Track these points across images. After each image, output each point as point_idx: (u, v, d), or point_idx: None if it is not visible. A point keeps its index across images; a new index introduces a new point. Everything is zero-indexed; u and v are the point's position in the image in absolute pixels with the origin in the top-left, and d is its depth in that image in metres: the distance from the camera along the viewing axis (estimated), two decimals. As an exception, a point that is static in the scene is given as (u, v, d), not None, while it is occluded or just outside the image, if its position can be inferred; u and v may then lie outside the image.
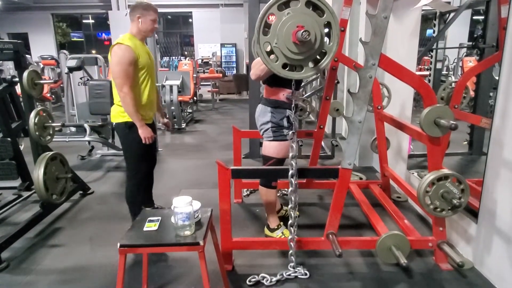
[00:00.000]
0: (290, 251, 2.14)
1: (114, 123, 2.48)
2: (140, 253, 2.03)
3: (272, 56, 1.68)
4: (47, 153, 2.75)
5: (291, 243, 2.12)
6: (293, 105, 2.18)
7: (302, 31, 1.55)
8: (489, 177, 2.10)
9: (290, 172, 2.03)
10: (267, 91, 2.40)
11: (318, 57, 1.71)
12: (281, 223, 2.58)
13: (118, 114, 2.42)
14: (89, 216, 3.06)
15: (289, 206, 2.08)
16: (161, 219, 1.81)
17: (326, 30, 1.69)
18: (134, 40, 2.34)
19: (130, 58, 2.26)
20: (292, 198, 2.06)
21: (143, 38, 2.43)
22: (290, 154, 2.04)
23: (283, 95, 2.32)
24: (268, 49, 1.67)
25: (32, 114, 2.79)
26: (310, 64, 1.72)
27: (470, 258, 2.26)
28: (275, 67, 1.69)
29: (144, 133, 2.37)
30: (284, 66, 1.71)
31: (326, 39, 1.69)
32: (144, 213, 1.91)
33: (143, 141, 2.38)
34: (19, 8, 13.58)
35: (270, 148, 2.38)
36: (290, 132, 2.13)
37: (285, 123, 2.33)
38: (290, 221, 2.10)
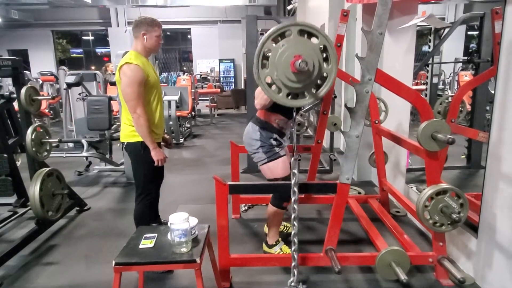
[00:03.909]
0: (293, 264, 2.08)
1: (125, 143, 2.38)
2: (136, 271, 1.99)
3: (273, 87, 1.69)
4: (44, 169, 2.73)
5: (294, 262, 2.06)
6: (292, 128, 2.15)
7: (299, 61, 1.55)
8: (488, 191, 2.09)
9: (292, 198, 1.99)
10: (260, 111, 2.40)
11: (319, 81, 1.72)
12: (280, 239, 2.55)
13: (131, 134, 2.32)
14: (85, 233, 3.02)
15: (292, 218, 2.02)
16: (157, 236, 1.79)
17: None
18: (141, 58, 2.28)
19: (140, 77, 2.19)
20: (295, 221, 2.02)
21: (148, 55, 2.37)
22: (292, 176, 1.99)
23: (274, 120, 2.33)
24: (269, 80, 1.68)
25: (29, 130, 2.79)
26: (313, 90, 1.72)
27: (471, 273, 2.23)
28: (279, 98, 1.70)
29: (157, 155, 2.30)
30: (287, 95, 1.72)
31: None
32: (140, 230, 1.88)
33: (156, 163, 2.31)
34: (19, 25, 13.73)
35: (270, 170, 2.36)
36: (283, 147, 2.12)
37: (273, 142, 2.34)
38: (293, 246, 2.03)
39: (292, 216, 2.04)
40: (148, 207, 2.47)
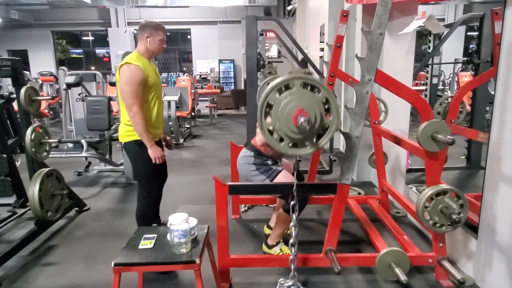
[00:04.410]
0: (292, 267, 2.07)
1: (123, 143, 2.43)
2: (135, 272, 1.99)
3: (275, 135, 1.73)
4: (43, 169, 2.73)
5: (292, 264, 2.06)
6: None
7: (302, 120, 1.57)
8: (488, 192, 2.09)
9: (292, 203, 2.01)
10: (255, 140, 2.45)
11: (321, 131, 1.74)
12: (281, 240, 2.55)
13: (127, 133, 2.37)
14: (84, 233, 3.01)
15: (291, 224, 2.02)
16: (156, 236, 1.79)
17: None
18: (142, 59, 2.32)
19: (139, 78, 2.23)
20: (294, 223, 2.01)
21: (150, 57, 2.41)
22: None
23: (269, 151, 2.37)
24: (271, 128, 1.71)
25: (29, 131, 2.78)
26: (314, 139, 1.75)
27: (471, 274, 2.23)
28: (281, 147, 1.73)
29: (154, 153, 2.32)
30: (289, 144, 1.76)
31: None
32: (139, 231, 1.88)
33: (153, 161, 2.33)
34: (19, 26, 13.73)
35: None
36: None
37: (269, 162, 2.38)
38: (291, 241, 2.02)
39: (293, 218, 2.04)
40: (150, 206, 2.48)
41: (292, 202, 1.98)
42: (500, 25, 1.97)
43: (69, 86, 4.99)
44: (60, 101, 7.65)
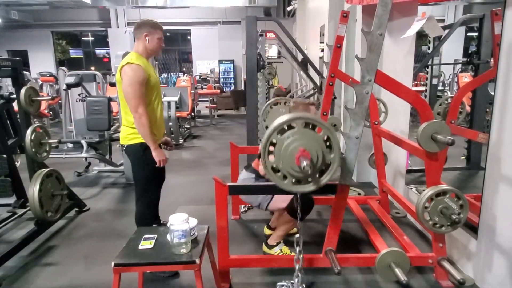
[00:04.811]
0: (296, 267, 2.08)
1: (125, 145, 2.37)
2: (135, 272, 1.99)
3: (279, 173, 1.75)
4: (43, 170, 2.73)
5: (297, 264, 2.06)
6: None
7: (304, 164, 1.59)
8: (487, 192, 2.09)
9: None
10: (256, 164, 2.49)
11: (323, 167, 1.77)
12: (281, 240, 2.55)
13: (131, 136, 2.31)
14: (84, 233, 3.01)
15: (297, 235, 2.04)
16: (156, 237, 1.79)
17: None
18: (142, 59, 2.29)
19: (141, 77, 2.19)
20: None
21: (149, 56, 2.38)
22: None
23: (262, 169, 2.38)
24: (275, 166, 1.74)
25: (29, 131, 2.78)
26: (317, 175, 1.78)
27: (471, 274, 2.23)
28: (285, 186, 1.77)
29: (158, 155, 2.28)
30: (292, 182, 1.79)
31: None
32: (139, 231, 1.88)
33: (157, 164, 2.30)
34: (19, 26, 13.74)
35: (278, 202, 2.37)
36: None
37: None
38: (298, 248, 2.04)
39: (298, 222, 2.05)
40: (149, 208, 2.47)
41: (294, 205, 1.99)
42: (499, 26, 1.97)
43: (69, 86, 4.99)
44: (60, 101, 7.66)
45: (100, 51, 15.96)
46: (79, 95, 5.34)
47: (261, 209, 2.50)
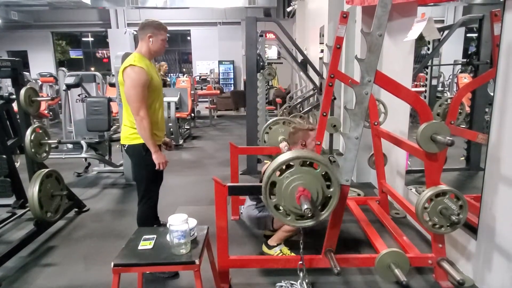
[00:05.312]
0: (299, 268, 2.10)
1: (126, 145, 2.36)
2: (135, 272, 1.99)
3: (282, 211, 1.80)
4: (43, 170, 2.73)
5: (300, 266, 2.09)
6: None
7: (305, 207, 1.63)
8: (487, 193, 2.09)
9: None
10: None
11: (324, 200, 1.81)
12: (281, 241, 2.55)
13: (133, 136, 2.30)
14: (83, 234, 3.01)
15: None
16: (156, 237, 1.79)
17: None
18: (145, 60, 2.27)
19: (144, 80, 2.18)
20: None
21: (152, 57, 2.36)
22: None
23: None
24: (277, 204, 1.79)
25: (28, 131, 2.78)
26: (319, 209, 1.82)
27: (471, 275, 2.23)
28: (289, 222, 1.83)
29: (158, 158, 2.28)
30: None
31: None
32: (139, 231, 1.88)
33: (157, 167, 2.29)
34: (19, 27, 13.74)
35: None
36: None
37: None
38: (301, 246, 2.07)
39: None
40: (151, 209, 2.47)
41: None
42: (499, 27, 1.97)
43: (69, 87, 4.98)
44: (59, 102, 7.66)
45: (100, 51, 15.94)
46: (78, 95, 5.34)
47: (267, 229, 2.59)
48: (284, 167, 1.74)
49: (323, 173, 1.75)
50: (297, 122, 2.87)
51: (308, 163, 1.74)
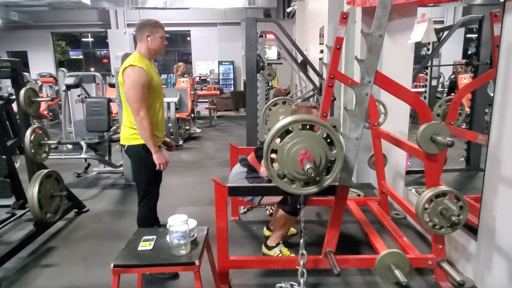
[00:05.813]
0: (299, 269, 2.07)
1: (126, 146, 2.35)
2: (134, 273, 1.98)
3: (286, 179, 1.76)
4: (42, 170, 2.73)
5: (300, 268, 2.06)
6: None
7: (308, 167, 1.59)
8: (487, 194, 2.09)
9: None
10: (253, 159, 2.51)
11: (329, 164, 1.78)
12: (281, 241, 2.55)
13: (133, 136, 2.30)
14: (83, 234, 3.01)
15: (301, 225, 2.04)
16: (156, 238, 1.78)
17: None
18: (145, 60, 2.27)
19: (144, 80, 2.17)
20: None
21: (152, 57, 2.36)
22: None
23: (264, 171, 2.35)
24: (280, 173, 1.74)
25: (28, 132, 2.78)
26: (324, 173, 1.78)
27: (471, 276, 2.23)
28: (294, 190, 1.78)
29: (159, 159, 2.27)
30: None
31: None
32: (139, 232, 1.88)
33: (158, 167, 2.29)
34: (19, 27, 13.73)
35: (270, 198, 2.40)
36: None
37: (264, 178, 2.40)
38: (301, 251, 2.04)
39: (302, 220, 2.05)
40: (150, 210, 2.46)
41: (295, 206, 2.00)
42: (499, 27, 1.97)
43: (69, 87, 4.98)
44: (59, 102, 7.65)
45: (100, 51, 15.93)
46: (78, 96, 5.34)
47: (253, 204, 2.53)
48: (284, 133, 1.69)
49: (324, 136, 1.71)
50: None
51: (308, 126, 1.70)
